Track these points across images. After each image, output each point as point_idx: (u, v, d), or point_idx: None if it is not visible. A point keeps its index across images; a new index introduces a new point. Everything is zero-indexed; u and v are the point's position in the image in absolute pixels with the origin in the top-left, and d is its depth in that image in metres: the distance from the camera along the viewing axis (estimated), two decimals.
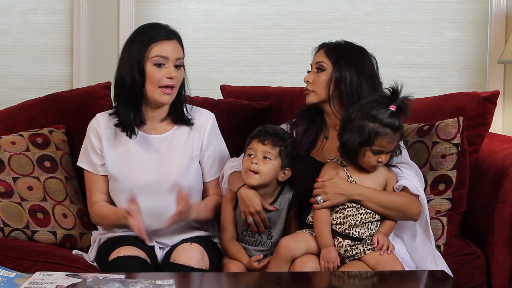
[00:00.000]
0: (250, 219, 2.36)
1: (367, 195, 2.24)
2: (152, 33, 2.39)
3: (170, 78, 2.37)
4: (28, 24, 3.95)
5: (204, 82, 3.77)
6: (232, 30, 3.80)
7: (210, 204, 2.49)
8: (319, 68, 2.42)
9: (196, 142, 2.51)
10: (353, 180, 2.26)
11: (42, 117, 2.88)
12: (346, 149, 2.24)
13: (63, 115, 2.89)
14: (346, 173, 2.27)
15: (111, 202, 2.51)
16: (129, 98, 2.40)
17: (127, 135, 2.43)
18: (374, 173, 2.28)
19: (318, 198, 2.24)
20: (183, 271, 2.22)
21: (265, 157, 2.36)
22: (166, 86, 2.38)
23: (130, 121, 2.42)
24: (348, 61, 2.38)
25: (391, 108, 2.19)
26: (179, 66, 2.41)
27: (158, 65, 2.37)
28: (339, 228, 2.23)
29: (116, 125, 2.45)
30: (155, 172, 2.44)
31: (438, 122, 2.65)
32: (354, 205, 2.25)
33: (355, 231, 2.23)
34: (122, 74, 2.39)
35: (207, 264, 2.30)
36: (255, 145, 2.38)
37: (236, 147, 2.64)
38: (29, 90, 3.92)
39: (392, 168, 2.33)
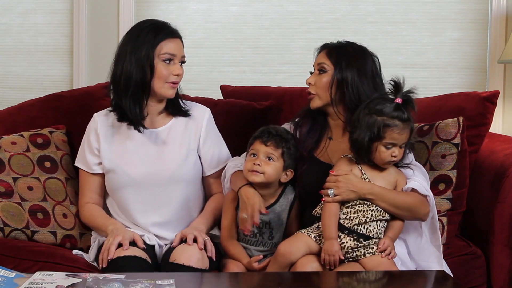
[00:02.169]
0: (245, 215, 2.34)
1: (379, 194, 2.24)
2: (159, 31, 2.43)
3: (177, 75, 2.44)
4: (28, 24, 3.96)
5: (204, 82, 3.77)
6: (232, 30, 3.80)
7: (211, 215, 2.51)
8: (321, 70, 2.42)
9: (194, 135, 2.53)
10: (367, 178, 2.26)
11: (42, 117, 2.88)
12: (358, 147, 2.24)
13: (63, 115, 2.89)
14: (360, 170, 2.27)
15: (104, 203, 2.56)
16: (136, 93, 2.43)
17: (135, 129, 2.47)
18: (386, 173, 2.29)
19: (330, 191, 2.24)
20: (182, 271, 2.22)
21: (267, 158, 2.36)
22: (173, 82, 2.44)
23: (137, 115, 2.45)
24: (349, 62, 2.38)
25: (397, 101, 2.21)
26: (183, 62, 2.48)
27: (167, 61, 2.42)
28: (347, 223, 2.23)
29: (119, 120, 2.48)
30: (152, 164, 2.46)
31: (438, 122, 2.65)
32: (366, 202, 2.25)
33: (363, 228, 2.23)
34: (129, 69, 2.41)
35: (207, 264, 2.30)
36: (257, 146, 2.38)
37: (236, 147, 2.64)
38: (29, 90, 3.92)
39: (404, 168, 2.33)
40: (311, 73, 2.46)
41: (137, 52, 2.41)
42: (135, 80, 2.41)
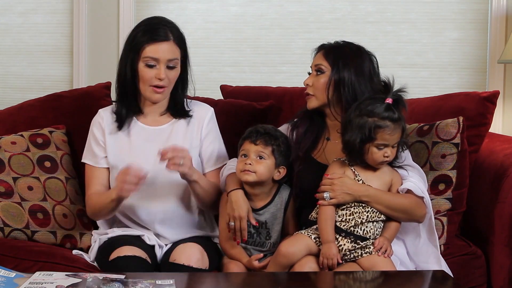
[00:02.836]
0: (232, 223, 2.35)
1: (375, 197, 2.24)
2: (149, 33, 2.43)
3: (160, 79, 2.42)
4: (28, 24, 3.96)
5: (204, 82, 3.76)
6: (232, 30, 3.80)
7: (209, 181, 2.50)
8: (318, 71, 2.41)
9: (195, 133, 2.54)
10: (360, 179, 2.26)
11: (42, 117, 2.88)
12: (350, 148, 2.24)
13: (63, 115, 2.89)
14: (354, 172, 2.27)
15: None
16: (127, 92, 2.47)
17: (117, 126, 2.50)
18: (380, 172, 2.28)
19: (325, 195, 2.24)
20: (182, 271, 2.22)
21: (258, 157, 2.36)
22: (156, 86, 2.43)
23: (121, 113, 2.49)
24: (346, 63, 2.37)
25: (387, 101, 2.21)
26: (172, 67, 2.44)
27: (149, 66, 2.42)
28: (343, 225, 2.23)
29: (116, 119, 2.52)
30: (155, 161, 2.45)
31: (438, 122, 2.65)
32: (361, 203, 2.25)
33: (360, 229, 2.23)
34: (122, 69, 2.47)
35: (207, 264, 2.31)
36: (247, 146, 2.38)
37: (236, 147, 2.63)
38: (29, 90, 3.93)
39: (398, 169, 2.33)
40: (309, 74, 2.46)
41: (128, 53, 2.45)
42: (125, 80, 2.46)
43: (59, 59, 3.93)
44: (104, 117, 2.54)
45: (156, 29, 2.44)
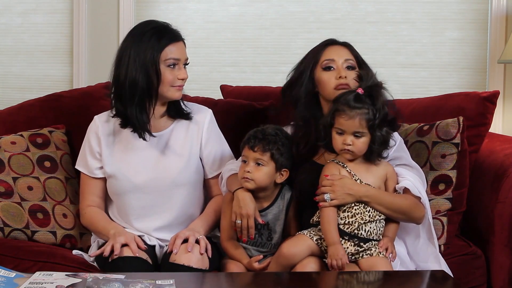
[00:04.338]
0: (239, 221, 2.34)
1: (375, 197, 2.24)
2: (162, 35, 2.40)
3: (183, 79, 2.42)
4: (28, 24, 3.96)
5: (204, 82, 3.77)
6: (232, 30, 3.80)
7: (211, 217, 2.50)
8: (350, 67, 2.40)
9: (195, 138, 2.52)
10: (358, 178, 2.26)
11: (42, 117, 2.88)
12: (319, 133, 2.30)
13: (63, 115, 2.89)
14: (349, 171, 2.27)
15: (105, 206, 2.54)
16: (142, 99, 2.40)
17: (140, 136, 2.43)
18: (374, 167, 2.28)
19: (326, 196, 2.23)
20: (183, 271, 2.22)
21: (257, 164, 2.35)
22: (178, 85, 2.42)
23: (144, 123, 2.41)
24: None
25: (358, 91, 2.24)
26: (187, 64, 2.46)
27: (171, 66, 2.39)
28: (347, 228, 2.23)
29: (123, 126, 2.44)
30: (154, 169, 2.45)
31: (438, 122, 2.65)
32: (362, 203, 2.25)
33: (364, 230, 2.23)
34: (134, 76, 2.37)
35: (207, 264, 2.30)
36: (246, 152, 2.37)
37: (236, 147, 2.63)
38: (29, 90, 3.93)
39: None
40: (324, 68, 2.43)
41: (142, 57, 2.37)
42: (142, 86, 2.37)
43: (59, 59, 3.93)
44: (100, 125, 2.50)
45: (167, 30, 2.42)
